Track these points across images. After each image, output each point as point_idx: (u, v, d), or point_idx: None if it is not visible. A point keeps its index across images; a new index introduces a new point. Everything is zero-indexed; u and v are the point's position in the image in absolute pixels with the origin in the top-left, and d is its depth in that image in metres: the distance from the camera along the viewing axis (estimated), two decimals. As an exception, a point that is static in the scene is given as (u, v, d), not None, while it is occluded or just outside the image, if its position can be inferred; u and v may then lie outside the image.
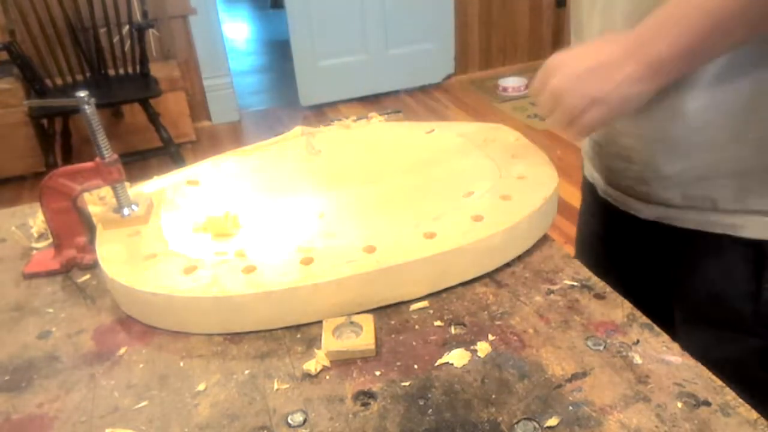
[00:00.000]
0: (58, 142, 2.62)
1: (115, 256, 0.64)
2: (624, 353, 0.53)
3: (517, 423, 0.47)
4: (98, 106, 0.65)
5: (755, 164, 0.65)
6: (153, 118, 2.59)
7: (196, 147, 3.14)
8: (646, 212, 0.75)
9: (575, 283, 0.62)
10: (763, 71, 0.60)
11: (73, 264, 0.70)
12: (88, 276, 0.69)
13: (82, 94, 0.63)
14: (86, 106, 0.63)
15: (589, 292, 0.61)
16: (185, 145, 3.10)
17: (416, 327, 0.58)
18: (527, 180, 0.71)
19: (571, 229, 0.99)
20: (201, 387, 0.53)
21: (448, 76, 3.71)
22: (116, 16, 2.63)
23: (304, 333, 0.59)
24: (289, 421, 0.49)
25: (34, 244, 0.76)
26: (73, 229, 0.69)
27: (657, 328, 0.56)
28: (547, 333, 0.56)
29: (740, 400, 0.48)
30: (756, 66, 0.60)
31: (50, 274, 0.70)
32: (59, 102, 0.76)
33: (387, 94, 3.58)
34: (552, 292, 0.61)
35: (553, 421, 0.47)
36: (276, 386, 0.53)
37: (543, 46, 3.81)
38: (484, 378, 0.52)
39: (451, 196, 0.70)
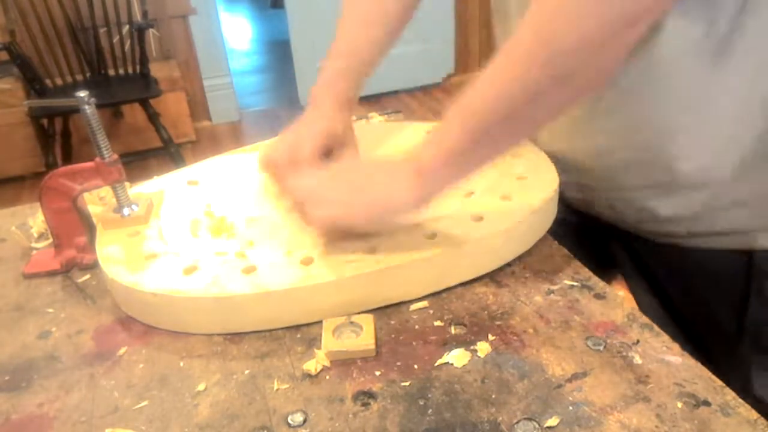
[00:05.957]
0: (58, 142, 2.62)
1: (115, 256, 0.64)
2: (624, 353, 0.53)
3: (517, 423, 0.47)
4: (98, 106, 0.65)
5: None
6: (153, 118, 2.59)
7: (196, 147, 3.14)
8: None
9: (575, 283, 0.62)
10: None
11: (73, 264, 0.70)
12: (88, 276, 0.69)
13: (82, 94, 0.63)
14: (86, 106, 0.63)
15: (589, 292, 0.61)
16: (185, 145, 3.10)
17: (416, 327, 0.58)
18: (527, 180, 0.71)
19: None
20: (201, 387, 0.53)
21: (448, 76, 3.71)
22: (116, 16, 2.63)
23: (304, 333, 0.59)
24: (289, 421, 0.49)
25: (34, 244, 0.76)
26: (73, 229, 0.69)
27: (657, 328, 0.56)
28: (547, 333, 0.56)
29: (740, 400, 0.48)
30: None
31: (50, 274, 0.70)
32: (59, 102, 0.76)
33: (387, 94, 3.58)
34: (552, 292, 0.61)
35: (553, 421, 0.47)
36: (276, 386, 0.53)
37: (543, 46, 3.81)
38: (484, 378, 0.52)
39: (451, 196, 0.70)
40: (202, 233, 0.67)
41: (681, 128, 0.62)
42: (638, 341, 0.54)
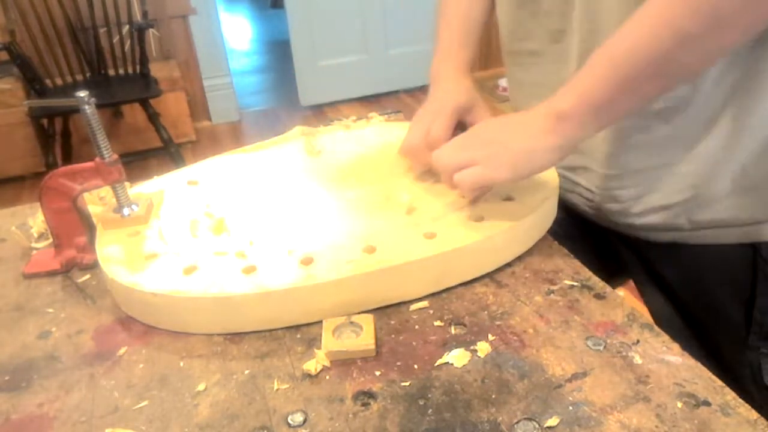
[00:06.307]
0: (58, 142, 2.62)
1: (115, 256, 0.64)
2: (624, 353, 0.53)
3: (517, 423, 0.47)
4: (98, 106, 0.65)
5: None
6: (153, 118, 2.59)
7: (196, 147, 3.14)
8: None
9: (575, 283, 0.62)
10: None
11: (73, 264, 0.70)
12: (88, 276, 0.69)
13: (82, 94, 0.63)
14: (86, 106, 0.63)
15: (589, 292, 0.61)
16: (185, 145, 3.10)
17: (416, 327, 0.58)
18: (527, 180, 0.71)
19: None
20: (201, 387, 0.53)
21: (448, 76, 3.70)
22: (116, 16, 2.62)
23: (304, 333, 0.59)
24: (289, 421, 0.49)
25: (34, 244, 0.76)
26: (73, 229, 0.69)
27: (657, 328, 0.56)
28: (547, 333, 0.56)
29: (740, 400, 0.48)
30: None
31: (50, 274, 0.70)
32: (59, 102, 0.76)
33: (387, 94, 3.57)
34: (552, 292, 0.61)
35: (553, 421, 0.47)
36: (276, 386, 0.53)
37: (543, 46, 3.81)
38: (484, 378, 0.52)
39: (451, 195, 0.70)
40: (201, 233, 0.67)
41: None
42: (638, 341, 0.54)
